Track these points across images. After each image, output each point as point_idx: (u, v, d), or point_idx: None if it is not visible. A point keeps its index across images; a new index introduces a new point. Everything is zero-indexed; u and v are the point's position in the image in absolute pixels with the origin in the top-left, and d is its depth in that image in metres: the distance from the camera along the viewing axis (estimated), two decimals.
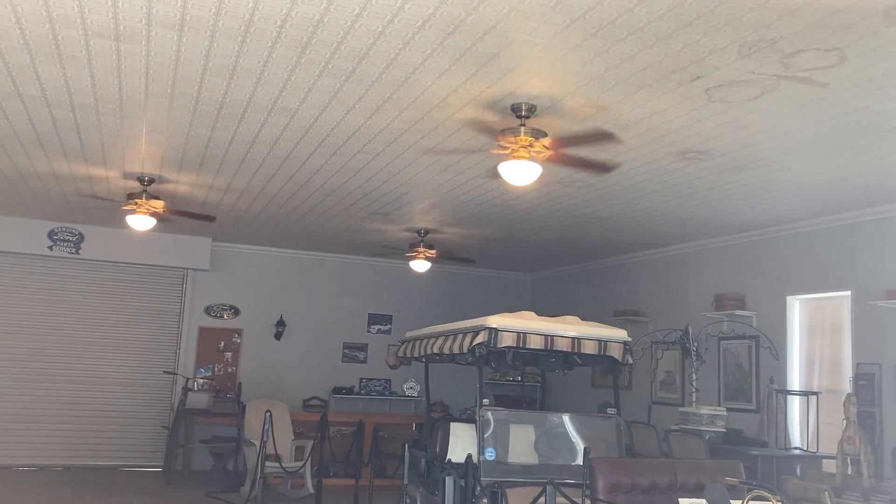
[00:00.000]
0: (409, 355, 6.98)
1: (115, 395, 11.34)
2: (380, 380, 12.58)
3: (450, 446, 6.27)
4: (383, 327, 12.83)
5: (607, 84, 4.82)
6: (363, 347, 12.70)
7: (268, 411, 8.78)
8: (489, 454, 5.33)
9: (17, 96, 5.63)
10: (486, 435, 5.39)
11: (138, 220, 8.21)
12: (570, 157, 5.92)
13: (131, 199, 8.04)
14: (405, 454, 7.10)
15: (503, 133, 5.39)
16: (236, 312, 12.07)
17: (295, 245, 11.89)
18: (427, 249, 10.10)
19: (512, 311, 6.08)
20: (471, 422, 6.45)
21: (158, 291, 11.76)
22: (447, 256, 10.75)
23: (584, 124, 5.55)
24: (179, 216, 8.57)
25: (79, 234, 11.04)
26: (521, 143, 5.32)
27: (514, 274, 13.60)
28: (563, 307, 9.97)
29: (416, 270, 10.63)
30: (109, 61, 4.89)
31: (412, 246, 10.17)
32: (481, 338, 5.44)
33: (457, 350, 5.79)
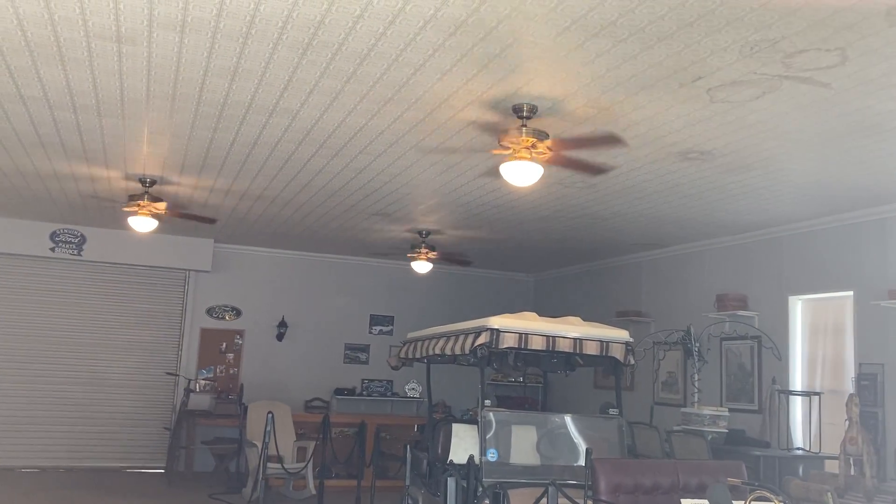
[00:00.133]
0: (410, 356, 6.98)
1: (118, 397, 11.35)
2: (381, 381, 12.59)
3: (452, 447, 6.26)
4: (385, 328, 12.83)
5: (609, 84, 4.81)
6: (365, 348, 12.70)
7: (270, 412, 8.78)
8: (491, 455, 5.32)
9: (18, 98, 5.64)
10: (487, 436, 5.39)
11: (140, 222, 8.21)
12: (566, 159, 5.90)
13: (133, 201, 8.04)
14: (407, 455, 7.09)
15: (505, 134, 5.39)
16: (238, 314, 12.07)
17: (296, 246, 11.89)
18: (429, 250, 10.10)
19: (513, 311, 6.08)
20: (473, 423, 6.44)
21: (160, 293, 11.77)
22: (449, 257, 10.75)
23: (586, 125, 5.55)
24: (181, 218, 8.57)
25: (81, 235, 11.05)
26: (523, 144, 5.31)
27: (516, 275, 13.60)
28: (564, 308, 9.97)
29: (417, 271, 10.63)
30: (111, 63, 4.89)
31: (414, 247, 10.17)
32: (483, 339, 5.43)
33: (458, 351, 5.78)
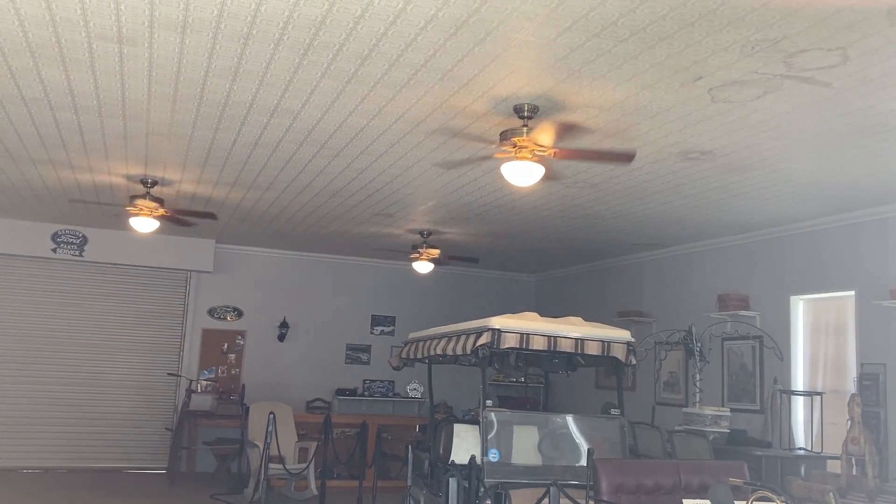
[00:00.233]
0: (412, 357, 6.97)
1: (119, 398, 11.35)
2: (383, 381, 12.59)
3: (453, 448, 6.25)
4: (386, 329, 12.83)
5: (610, 84, 4.81)
6: (366, 349, 12.70)
7: (271, 413, 8.79)
8: (493, 455, 5.32)
9: (20, 99, 5.64)
10: (489, 436, 5.38)
11: (141, 223, 8.21)
12: (588, 152, 5.88)
13: (134, 202, 8.05)
14: (409, 456, 7.08)
15: (506, 134, 5.39)
16: (240, 314, 12.08)
17: (298, 247, 11.89)
18: (430, 250, 10.10)
19: (515, 312, 6.07)
20: (474, 423, 6.43)
21: (162, 293, 11.78)
22: (450, 257, 10.75)
23: (587, 125, 5.55)
24: (180, 215, 8.56)
25: (82, 236, 11.06)
26: (524, 144, 5.31)
27: (517, 275, 13.59)
28: (566, 308, 9.95)
29: (418, 271, 10.63)
30: (112, 64, 4.89)
31: (415, 247, 10.17)
32: (484, 339, 5.43)
33: (460, 351, 5.78)
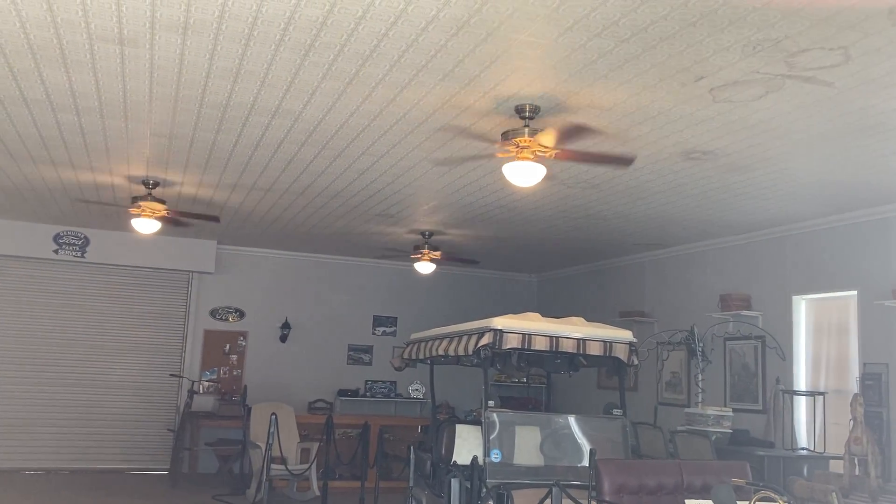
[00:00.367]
0: (414, 357, 6.97)
1: (121, 399, 11.36)
2: (385, 382, 12.59)
3: (455, 448, 6.25)
4: (388, 329, 12.83)
5: (611, 84, 4.81)
6: (368, 349, 12.70)
7: (273, 414, 8.79)
8: (495, 456, 5.32)
9: (21, 100, 5.65)
10: (491, 437, 5.38)
11: (143, 224, 8.22)
12: (586, 154, 5.89)
13: (136, 203, 8.05)
14: (411, 456, 7.08)
15: (507, 134, 5.38)
16: (241, 315, 12.08)
17: (300, 247, 11.90)
18: (431, 251, 10.10)
19: (517, 312, 6.07)
20: (476, 423, 6.43)
21: (164, 294, 11.79)
22: (452, 258, 10.75)
23: (588, 125, 5.54)
24: (184, 217, 8.58)
25: (84, 237, 11.06)
26: (525, 144, 5.31)
27: (519, 275, 13.59)
28: (568, 308, 9.95)
29: (420, 272, 10.63)
30: (113, 65, 4.90)
31: (417, 248, 10.17)
32: (486, 339, 5.43)
33: (462, 352, 5.78)
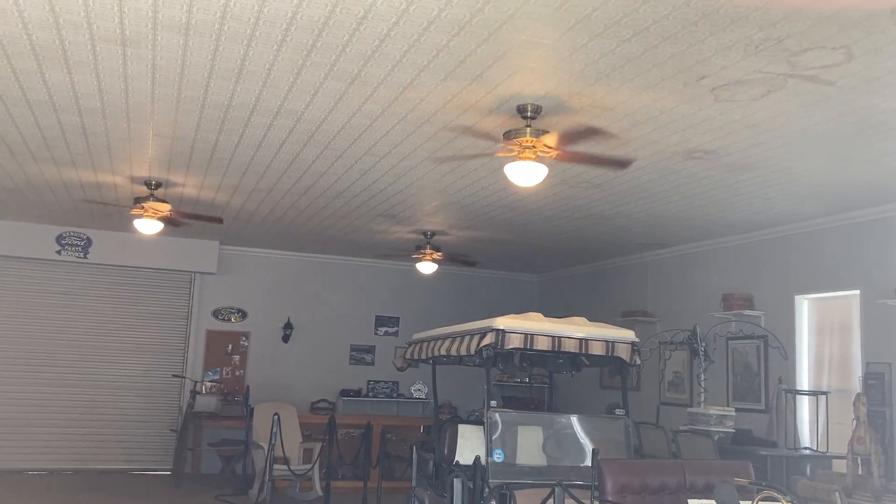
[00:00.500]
0: (416, 357, 6.98)
1: (124, 399, 11.37)
2: (387, 382, 12.59)
3: (458, 448, 6.25)
4: (390, 329, 12.84)
5: (613, 84, 4.81)
6: (370, 350, 12.70)
7: (276, 414, 8.79)
8: (497, 456, 5.32)
9: (24, 101, 5.66)
10: (494, 437, 5.38)
11: (146, 224, 8.23)
12: (583, 156, 5.89)
13: (138, 203, 8.06)
14: (413, 456, 7.08)
15: (509, 134, 5.38)
16: (244, 315, 12.09)
17: (302, 248, 11.90)
18: (433, 251, 10.10)
19: (519, 312, 6.07)
20: (479, 423, 6.44)
21: (166, 295, 11.79)
22: (454, 258, 10.75)
23: (590, 124, 5.54)
24: (186, 218, 8.59)
25: (87, 238, 11.08)
26: (527, 144, 5.31)
27: (521, 275, 13.59)
28: (570, 308, 9.94)
29: (422, 272, 10.63)
30: (116, 66, 4.90)
31: (419, 248, 10.17)
32: (488, 339, 5.43)
33: (464, 352, 5.78)
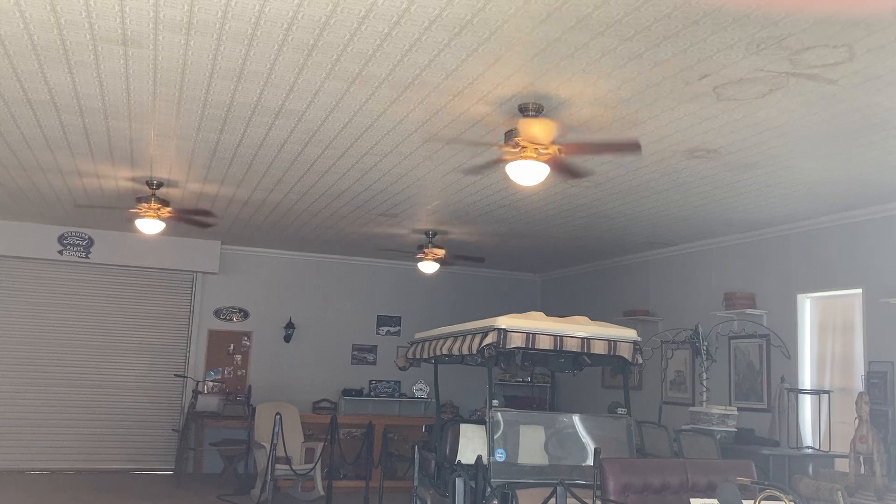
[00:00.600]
0: (418, 357, 6.98)
1: (126, 399, 11.38)
2: (389, 381, 12.59)
3: (460, 448, 6.26)
4: (392, 329, 12.84)
5: (614, 83, 4.80)
6: (372, 349, 12.70)
7: (278, 414, 8.79)
8: (499, 455, 5.32)
9: (25, 101, 5.66)
10: (496, 436, 5.38)
11: (147, 224, 8.23)
12: (589, 145, 5.86)
13: (140, 203, 8.06)
14: (415, 456, 7.09)
15: (511, 133, 5.38)
16: (245, 315, 12.09)
17: (303, 247, 11.91)
18: (435, 250, 10.10)
19: (521, 311, 6.07)
20: (480, 423, 6.44)
21: (168, 295, 11.80)
22: (456, 257, 10.75)
23: (591, 123, 5.54)
24: (185, 215, 8.59)
25: (88, 238, 11.09)
26: (529, 143, 5.30)
27: (523, 274, 13.58)
28: (572, 307, 9.94)
29: (424, 272, 10.63)
30: (117, 66, 4.90)
31: (420, 247, 10.17)
32: (490, 339, 5.43)
33: (466, 351, 5.78)
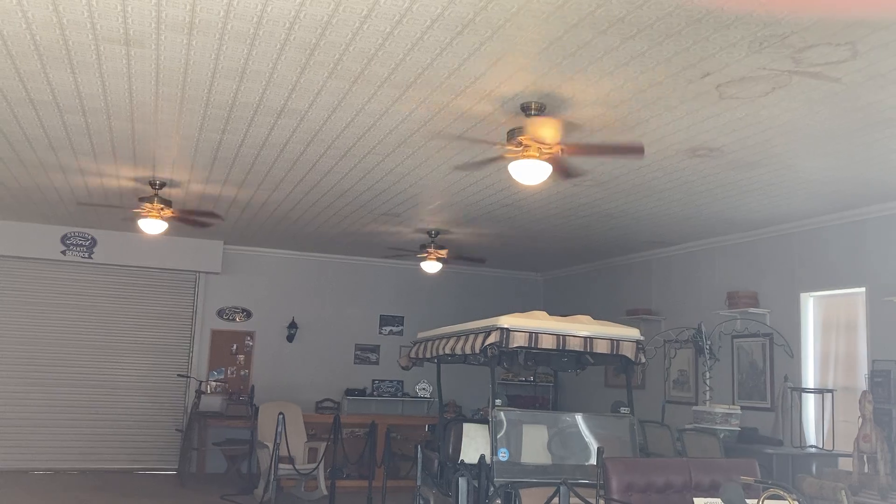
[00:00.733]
0: (421, 356, 6.97)
1: (129, 399, 11.39)
2: (392, 381, 12.59)
3: (463, 447, 6.25)
4: (395, 328, 12.84)
5: (617, 82, 4.79)
6: (375, 349, 12.70)
7: (281, 413, 8.79)
8: (502, 455, 5.31)
9: (28, 102, 5.67)
10: (498, 435, 5.37)
11: (150, 224, 8.24)
12: (593, 147, 5.86)
13: (142, 203, 8.07)
14: (418, 455, 7.09)
15: (513, 132, 5.37)
16: (248, 315, 12.10)
17: (306, 247, 11.91)
18: (438, 250, 10.09)
19: (524, 310, 6.07)
20: (483, 422, 6.43)
21: (171, 295, 11.81)
22: (458, 257, 10.74)
23: (594, 122, 5.53)
24: (189, 216, 8.60)
25: (91, 238, 11.10)
26: (531, 143, 5.30)
27: (526, 274, 13.58)
28: (575, 306, 9.94)
29: (427, 271, 10.63)
30: (119, 65, 4.91)
31: (423, 247, 10.17)
32: (493, 338, 5.42)
33: (469, 350, 5.77)
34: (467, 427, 6.41)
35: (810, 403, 8.10)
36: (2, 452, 10.69)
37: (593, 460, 5.44)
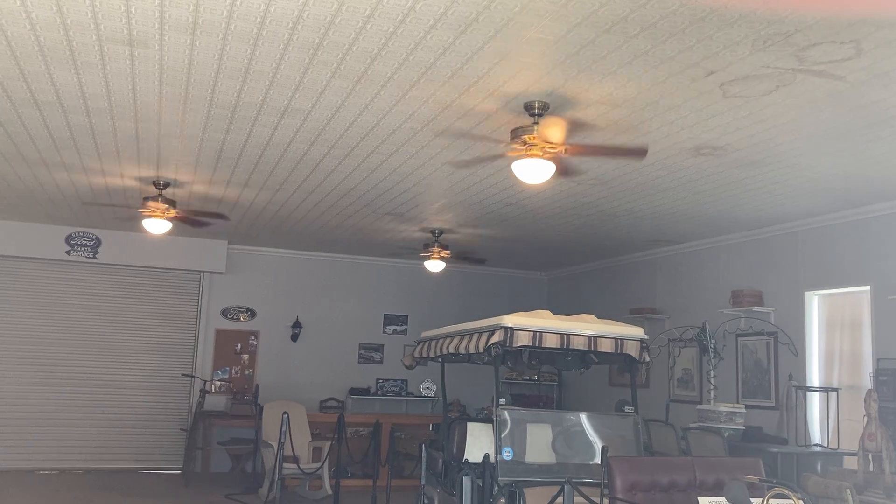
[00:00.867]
0: (425, 355, 6.98)
1: (134, 399, 11.41)
2: (396, 380, 12.60)
3: (467, 446, 6.25)
4: (399, 328, 12.84)
5: (621, 80, 4.79)
6: (379, 348, 12.71)
7: (285, 413, 8.81)
8: (506, 454, 5.31)
9: (32, 102, 5.68)
10: (503, 434, 5.38)
11: (154, 224, 8.25)
12: (596, 148, 5.86)
13: (147, 203, 8.08)
14: (422, 454, 7.09)
15: (516, 132, 5.37)
16: (252, 314, 12.11)
17: (310, 247, 11.92)
18: (441, 249, 10.09)
19: (527, 310, 6.06)
20: (488, 421, 6.43)
21: (175, 294, 11.83)
22: (462, 256, 10.74)
23: (597, 121, 5.53)
24: (194, 216, 8.61)
25: (96, 238, 11.12)
26: (534, 142, 5.29)
27: (530, 273, 13.57)
28: (579, 306, 9.94)
29: (430, 270, 10.63)
30: (123, 66, 4.91)
31: (427, 246, 10.17)
32: (497, 337, 5.42)
33: (472, 350, 5.78)
34: (471, 426, 6.42)
35: (815, 402, 8.09)
36: (7, 452, 10.72)
37: (597, 459, 5.44)
